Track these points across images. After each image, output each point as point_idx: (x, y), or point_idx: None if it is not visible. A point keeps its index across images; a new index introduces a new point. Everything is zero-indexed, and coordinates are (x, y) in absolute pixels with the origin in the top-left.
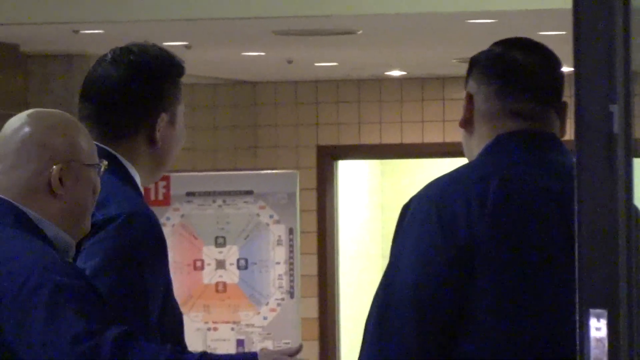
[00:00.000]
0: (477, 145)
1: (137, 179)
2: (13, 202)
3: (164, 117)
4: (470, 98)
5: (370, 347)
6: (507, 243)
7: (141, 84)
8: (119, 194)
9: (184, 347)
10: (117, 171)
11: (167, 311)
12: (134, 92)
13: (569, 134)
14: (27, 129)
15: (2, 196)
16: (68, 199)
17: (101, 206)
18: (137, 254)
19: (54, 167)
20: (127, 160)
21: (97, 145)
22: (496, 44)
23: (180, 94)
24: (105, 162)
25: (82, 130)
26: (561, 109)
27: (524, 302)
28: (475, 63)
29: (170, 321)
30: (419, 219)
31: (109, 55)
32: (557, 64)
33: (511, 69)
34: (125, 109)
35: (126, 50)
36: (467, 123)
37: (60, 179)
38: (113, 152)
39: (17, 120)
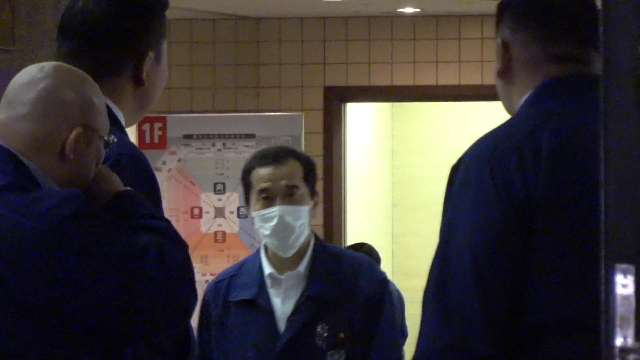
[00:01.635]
0: (518, 94)
1: (122, 119)
2: (16, 152)
3: (150, 55)
4: (505, 46)
5: (432, 313)
6: (564, 196)
7: (126, 20)
8: None
9: None
10: None
11: None
12: (119, 28)
13: None
14: (49, 83)
15: (8, 144)
16: (74, 164)
17: None
18: None
19: (73, 131)
20: (111, 100)
21: None
22: None
23: (165, 30)
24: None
25: (102, 96)
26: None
27: (585, 256)
28: (506, 8)
29: None
30: (472, 179)
31: None
32: (592, 1)
33: (548, 11)
34: (110, 47)
35: None
36: (505, 73)
37: (74, 145)
38: None
39: (39, 71)
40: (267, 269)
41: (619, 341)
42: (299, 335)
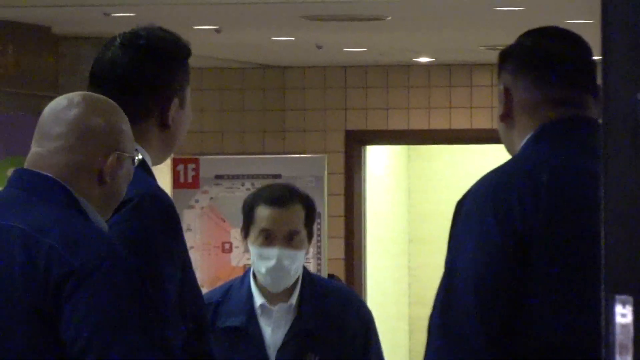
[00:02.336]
0: (518, 136)
1: (149, 161)
2: (62, 182)
3: (175, 101)
4: (507, 91)
5: (436, 337)
6: (562, 233)
7: (152, 69)
8: (132, 178)
9: (205, 324)
10: None
11: (186, 289)
12: (146, 76)
13: None
14: (78, 112)
15: (51, 175)
16: (110, 187)
17: None
18: (150, 235)
19: (110, 156)
20: (138, 143)
21: None
22: (525, 35)
23: (188, 76)
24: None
25: (126, 118)
26: (597, 93)
27: (580, 292)
28: (507, 56)
29: (190, 299)
30: (475, 214)
31: (118, 40)
32: (588, 49)
33: (546, 59)
34: (137, 93)
35: (135, 34)
36: (506, 116)
37: (110, 169)
38: None
39: (68, 102)
40: (259, 299)
41: None
42: None
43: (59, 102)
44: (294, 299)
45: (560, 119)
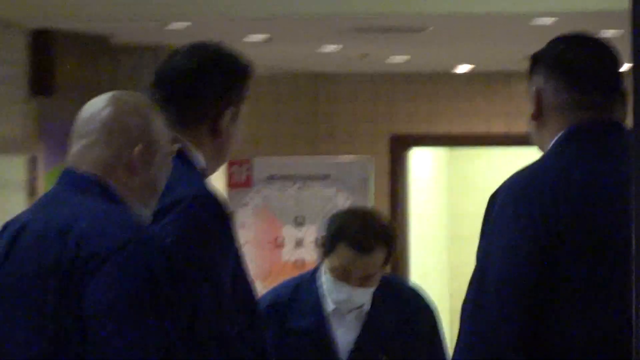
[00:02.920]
0: (549, 136)
1: (202, 163)
2: (98, 176)
3: (229, 111)
4: (538, 92)
5: (468, 329)
6: (591, 230)
7: (213, 77)
8: (184, 178)
9: (257, 315)
10: (183, 156)
11: (239, 282)
12: (206, 83)
13: None
14: (110, 110)
15: (88, 170)
16: (144, 177)
17: (168, 190)
18: (203, 234)
19: (136, 147)
20: (193, 145)
21: None
22: (557, 40)
23: (246, 94)
24: (176, 147)
25: (159, 114)
26: (624, 97)
27: (609, 295)
28: (539, 60)
29: (242, 292)
30: (507, 210)
31: (185, 48)
32: (615, 56)
33: (576, 63)
34: (196, 98)
35: (202, 45)
36: (537, 117)
37: (139, 159)
38: (179, 137)
39: (101, 101)
40: (331, 304)
41: None
42: None
43: (93, 102)
44: (368, 305)
45: (588, 122)
